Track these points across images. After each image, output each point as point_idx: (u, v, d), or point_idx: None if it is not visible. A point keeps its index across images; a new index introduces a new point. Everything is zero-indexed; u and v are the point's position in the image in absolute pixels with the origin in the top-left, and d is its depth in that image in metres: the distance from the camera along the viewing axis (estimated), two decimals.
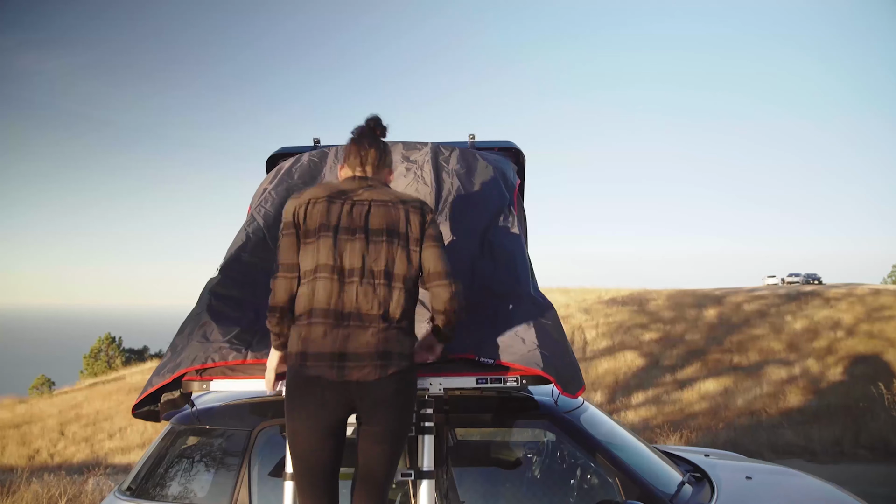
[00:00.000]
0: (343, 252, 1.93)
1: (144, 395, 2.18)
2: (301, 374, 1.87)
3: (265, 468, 2.34)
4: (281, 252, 1.99)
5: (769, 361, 13.91)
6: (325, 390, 1.85)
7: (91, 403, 21.78)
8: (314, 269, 1.93)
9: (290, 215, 2.00)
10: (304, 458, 1.90)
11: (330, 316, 1.88)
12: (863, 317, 16.88)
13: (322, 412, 1.87)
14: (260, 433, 2.37)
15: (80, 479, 6.75)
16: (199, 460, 2.46)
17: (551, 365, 2.09)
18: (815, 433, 7.80)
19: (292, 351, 1.91)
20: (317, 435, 1.88)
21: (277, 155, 3.10)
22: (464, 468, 2.40)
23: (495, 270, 2.43)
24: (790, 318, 17.55)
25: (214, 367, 2.15)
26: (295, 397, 1.89)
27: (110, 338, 34.75)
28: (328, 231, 1.95)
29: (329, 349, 1.86)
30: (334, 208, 1.98)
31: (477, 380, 2.11)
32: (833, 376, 12.19)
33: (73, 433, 18.38)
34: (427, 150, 2.91)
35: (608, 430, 2.60)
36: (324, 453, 1.90)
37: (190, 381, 2.17)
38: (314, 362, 1.86)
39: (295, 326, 1.93)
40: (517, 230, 2.61)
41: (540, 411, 2.44)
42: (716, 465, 2.93)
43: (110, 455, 14.93)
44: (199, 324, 2.27)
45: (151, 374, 2.21)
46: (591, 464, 2.35)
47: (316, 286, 1.91)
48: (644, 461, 2.49)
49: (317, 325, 1.88)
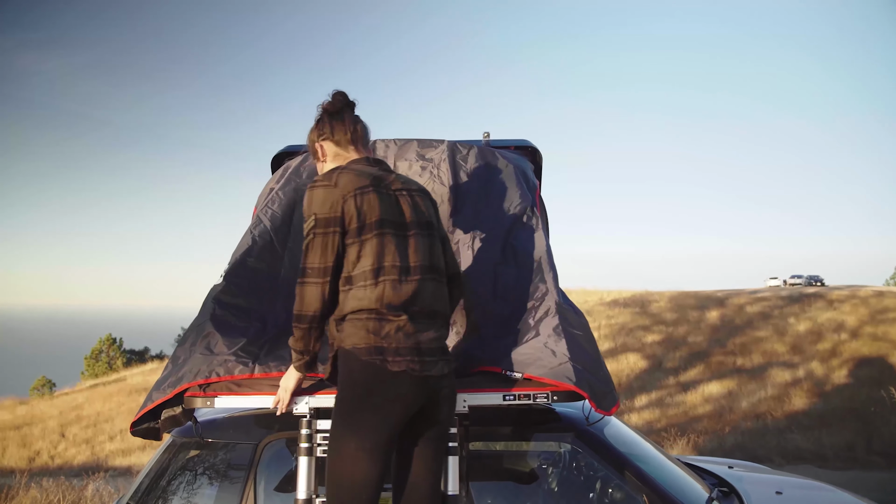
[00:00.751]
0: (407, 249, 1.83)
1: (144, 412, 2.04)
2: (383, 368, 1.74)
3: (272, 483, 2.25)
4: (312, 253, 1.79)
5: (773, 364, 13.84)
6: (408, 385, 1.75)
7: (92, 405, 21.75)
8: (377, 270, 1.78)
9: (334, 209, 1.78)
10: (359, 469, 1.73)
11: (399, 312, 1.78)
12: (867, 319, 16.81)
13: (398, 408, 1.75)
14: (266, 447, 2.26)
15: (79, 485, 6.69)
16: (202, 474, 2.36)
17: (584, 379, 1.96)
18: (825, 438, 7.70)
19: (360, 345, 1.76)
20: (385, 435, 1.75)
21: (283, 154, 2.97)
22: (483, 483, 2.29)
23: (519, 276, 2.31)
24: (793, 320, 17.49)
25: (219, 382, 2.02)
26: (373, 393, 1.74)
27: (111, 339, 34.71)
28: (388, 226, 1.81)
29: (405, 344, 1.76)
30: (384, 199, 1.83)
31: (504, 396, 1.98)
32: (838, 379, 12.12)
33: (73, 435, 18.34)
34: (443, 148, 2.78)
35: (632, 442, 2.51)
36: (379, 464, 1.76)
37: (193, 398, 2.03)
38: (394, 357, 1.75)
39: (352, 322, 1.79)
40: (542, 233, 2.48)
41: (563, 424, 2.33)
42: (742, 477, 2.82)
43: (111, 457, 14.88)
44: (202, 334, 2.13)
45: (151, 388, 2.08)
46: (617, 479, 2.25)
47: (385, 287, 1.78)
48: (670, 475, 2.40)
49: (387, 322, 1.77)
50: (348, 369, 1.79)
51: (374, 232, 1.79)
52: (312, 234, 1.80)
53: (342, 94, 2.01)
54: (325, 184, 1.82)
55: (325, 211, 1.79)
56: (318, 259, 1.79)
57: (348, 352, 1.78)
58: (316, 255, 1.79)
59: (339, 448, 1.76)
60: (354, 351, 1.77)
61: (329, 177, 1.84)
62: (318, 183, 1.84)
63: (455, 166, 2.71)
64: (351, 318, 1.80)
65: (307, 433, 1.93)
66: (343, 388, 1.80)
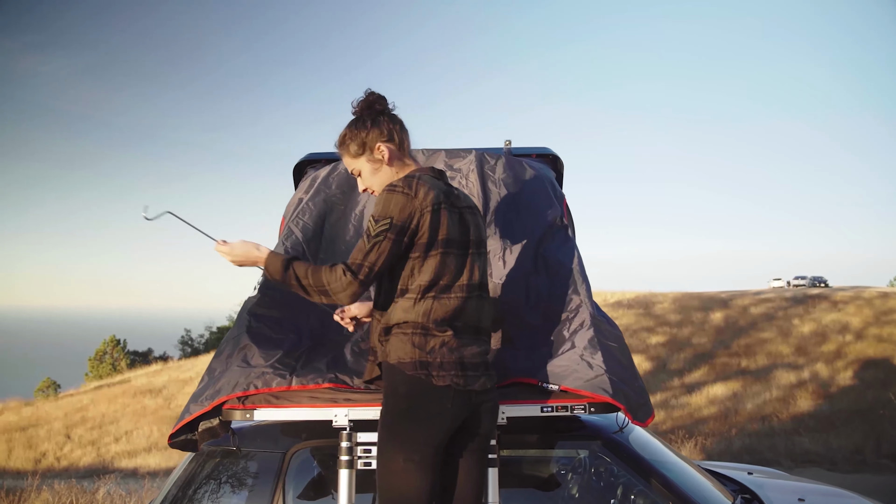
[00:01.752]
0: (464, 267, 1.83)
1: (182, 424, 2.04)
2: (428, 383, 1.75)
3: (300, 492, 2.25)
4: (375, 253, 1.76)
5: (777, 365, 13.84)
6: (451, 399, 1.75)
7: (97, 406, 21.80)
8: (430, 286, 1.78)
9: (411, 219, 1.76)
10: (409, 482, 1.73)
11: (445, 327, 1.79)
12: (871, 320, 16.79)
13: (442, 422, 1.76)
14: (294, 455, 2.25)
15: (90, 487, 6.71)
16: (229, 484, 2.36)
17: (620, 391, 1.96)
18: (833, 441, 7.72)
19: (405, 359, 1.76)
20: (431, 448, 1.76)
21: (304, 162, 2.95)
22: (510, 490, 2.27)
23: (552, 288, 2.30)
24: (797, 322, 17.48)
25: (257, 395, 2.01)
26: (418, 407, 1.75)
27: (115, 340, 34.79)
28: (453, 245, 1.81)
29: (450, 358, 1.77)
30: (453, 217, 1.82)
31: (542, 408, 1.98)
32: (843, 381, 12.11)
33: (79, 436, 18.39)
34: (471, 158, 2.75)
35: (655, 449, 2.49)
36: (429, 477, 1.76)
37: (231, 410, 2.01)
38: (439, 371, 1.75)
39: (398, 336, 1.79)
40: (573, 244, 2.47)
41: (589, 431, 2.32)
42: (763, 484, 2.80)
43: (117, 459, 14.93)
44: (238, 347, 2.13)
45: (188, 400, 2.07)
46: (644, 487, 2.25)
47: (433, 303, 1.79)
48: (694, 483, 2.39)
49: (432, 337, 1.78)
50: (393, 383, 1.79)
51: (440, 250, 1.79)
52: (384, 236, 1.75)
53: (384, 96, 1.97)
54: (406, 191, 1.78)
55: (402, 219, 1.76)
56: (377, 263, 1.76)
57: (393, 366, 1.79)
58: (377, 259, 1.76)
59: (387, 462, 1.77)
60: (399, 365, 1.78)
61: (409, 184, 1.80)
62: (398, 188, 1.79)
63: (483, 176, 2.69)
64: (396, 332, 1.80)
65: (347, 446, 1.93)
66: (388, 401, 1.80)
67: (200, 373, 26.43)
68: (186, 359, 31.75)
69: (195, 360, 28.51)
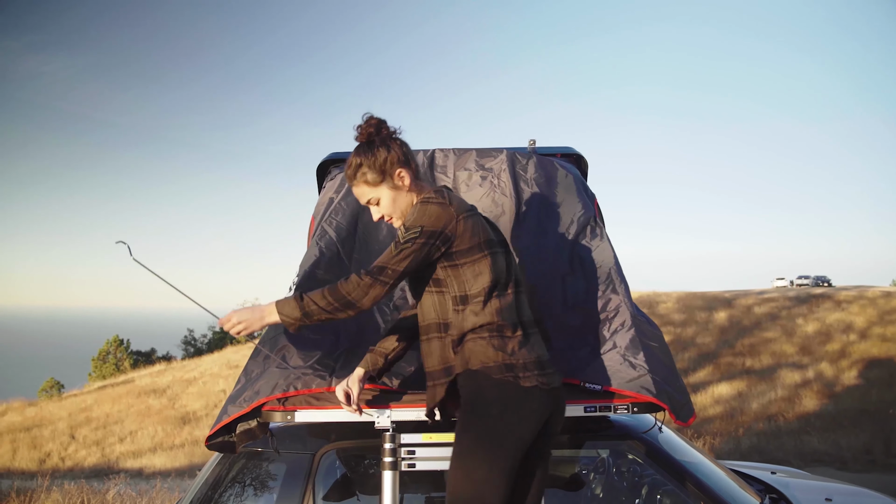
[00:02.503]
0: (510, 266, 1.86)
1: (220, 426, 2.00)
2: (516, 385, 1.71)
3: (330, 493, 2.24)
4: (401, 258, 1.75)
5: (782, 365, 13.83)
6: (539, 400, 1.73)
7: (101, 406, 21.80)
8: (492, 287, 1.78)
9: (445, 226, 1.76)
10: (494, 491, 1.67)
11: (516, 327, 1.78)
12: (875, 319, 16.77)
13: (532, 425, 1.72)
14: (323, 456, 2.23)
15: (99, 487, 6.73)
16: (257, 486, 2.35)
17: (664, 391, 1.96)
18: (842, 440, 7.73)
19: (489, 363, 1.73)
20: (520, 454, 1.71)
21: (328, 162, 2.93)
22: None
23: (589, 288, 2.29)
24: (801, 321, 17.46)
25: (297, 396, 1.99)
26: (508, 411, 1.70)
27: (118, 340, 34.84)
28: (496, 245, 1.84)
29: (530, 358, 1.75)
30: (486, 220, 1.90)
31: (585, 408, 1.97)
32: (848, 380, 12.11)
33: (83, 436, 18.40)
34: (503, 158, 2.74)
35: (682, 449, 2.49)
36: (511, 485, 1.71)
37: (271, 412, 1.98)
38: (524, 373, 1.72)
39: (475, 341, 1.76)
40: (608, 244, 2.46)
41: (617, 431, 2.32)
42: (788, 483, 2.80)
43: (122, 459, 14.94)
44: (276, 347, 2.10)
45: (225, 401, 2.04)
46: (676, 487, 2.25)
47: (500, 303, 1.78)
48: (723, 482, 2.39)
49: (509, 338, 1.76)
50: (479, 389, 1.74)
51: (487, 251, 1.80)
52: (412, 242, 1.75)
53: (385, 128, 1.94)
54: (441, 201, 1.80)
55: (437, 226, 1.76)
56: (401, 265, 1.75)
57: (477, 372, 1.74)
58: (404, 262, 1.75)
59: (472, 471, 1.69)
60: (484, 370, 1.73)
61: (441, 195, 1.83)
62: (433, 199, 1.80)
63: (515, 176, 2.67)
64: (472, 338, 1.77)
65: (391, 447, 1.90)
66: (475, 409, 1.74)
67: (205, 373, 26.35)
68: (190, 359, 31.75)
69: (199, 360, 28.52)
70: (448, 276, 1.82)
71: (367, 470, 2.31)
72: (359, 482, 2.28)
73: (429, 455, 1.93)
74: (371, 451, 2.22)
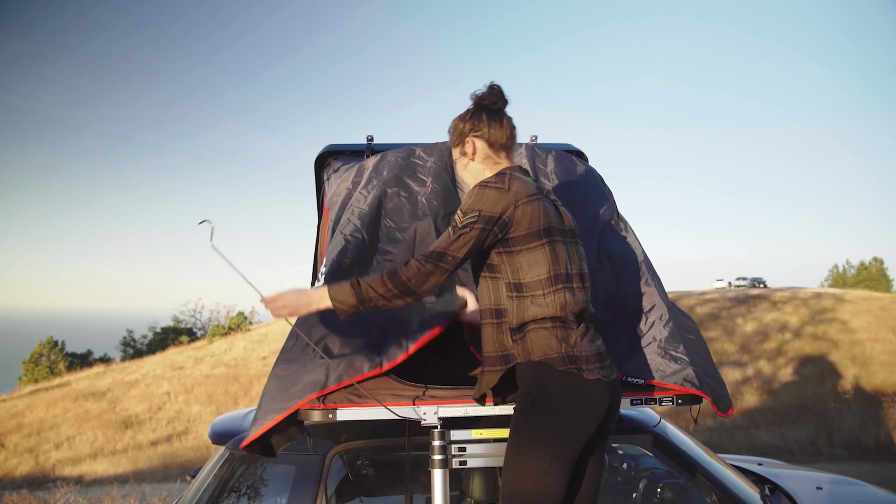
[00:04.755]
0: (573, 256, 1.81)
1: (262, 431, 1.81)
2: (580, 377, 1.67)
3: (341, 495, 2.19)
4: (459, 244, 1.71)
5: (723, 363, 14.41)
6: (600, 393, 1.70)
7: (33, 411, 20.67)
8: (555, 277, 1.74)
9: (503, 212, 1.72)
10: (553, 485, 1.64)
11: (578, 319, 1.75)
12: (808, 319, 17.70)
13: (593, 418, 1.69)
14: (334, 458, 2.18)
15: (44, 496, 6.39)
16: (265, 488, 2.28)
17: (705, 383, 1.98)
18: (788, 434, 8.15)
19: (552, 355, 1.69)
20: (579, 447, 1.68)
21: (326, 153, 2.87)
22: None
23: (619, 282, 2.28)
24: (741, 321, 18.21)
25: (337, 393, 1.86)
26: (571, 404, 1.66)
27: (52, 342, 33.08)
28: (557, 234, 1.78)
29: (592, 350, 1.73)
30: (550, 207, 1.81)
31: (632, 401, 1.97)
32: (784, 377, 12.75)
33: (14, 444, 17.38)
34: (522, 151, 2.70)
35: (688, 444, 2.54)
36: (569, 478, 1.68)
37: (310, 410, 1.84)
38: (587, 365, 1.69)
39: (537, 331, 1.72)
40: (634, 238, 2.44)
41: (635, 426, 2.35)
42: (779, 474, 2.90)
43: (59, 467, 14.18)
44: (315, 338, 1.96)
45: (260, 399, 1.88)
46: (689, 480, 2.30)
47: (565, 295, 1.74)
48: (726, 474, 2.46)
49: (571, 330, 1.72)
50: (541, 381, 1.69)
51: (546, 239, 1.76)
52: (470, 227, 1.72)
53: (501, 91, 1.92)
54: (499, 186, 1.76)
55: (494, 211, 1.73)
56: (461, 251, 1.72)
57: (539, 363, 1.70)
58: (464, 248, 1.72)
59: (532, 465, 1.66)
60: (547, 361, 1.69)
61: (501, 179, 1.78)
62: (491, 184, 1.77)
63: (535, 171, 2.63)
64: (534, 328, 1.72)
65: (441, 444, 1.82)
66: (535, 401, 1.69)
67: (147, 375, 25.24)
68: (130, 360, 30.53)
69: (140, 362, 27.45)
70: (502, 263, 1.78)
71: (380, 471, 2.29)
72: (371, 483, 2.25)
73: (479, 452, 1.87)
74: (382, 451, 2.18)
